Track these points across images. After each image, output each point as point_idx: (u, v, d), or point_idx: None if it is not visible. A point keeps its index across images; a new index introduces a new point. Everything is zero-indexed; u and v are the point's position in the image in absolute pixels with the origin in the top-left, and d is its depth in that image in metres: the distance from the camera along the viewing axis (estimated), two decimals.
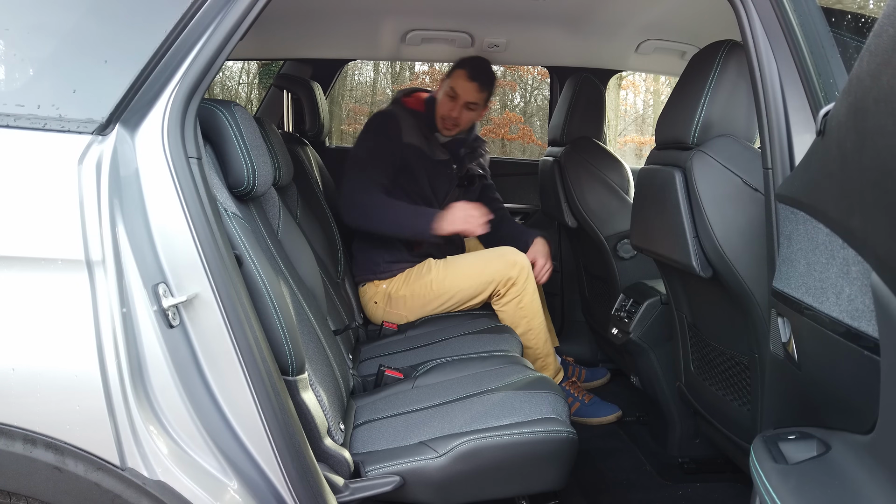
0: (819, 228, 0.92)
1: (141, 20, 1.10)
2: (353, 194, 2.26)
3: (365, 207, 2.25)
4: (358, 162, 2.32)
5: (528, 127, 11.46)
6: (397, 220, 2.26)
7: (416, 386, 1.73)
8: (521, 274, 2.25)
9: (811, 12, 1.17)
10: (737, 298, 1.46)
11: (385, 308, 2.38)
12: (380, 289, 2.38)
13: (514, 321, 2.27)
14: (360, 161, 2.32)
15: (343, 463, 1.35)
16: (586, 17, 2.47)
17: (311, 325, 1.60)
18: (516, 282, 2.26)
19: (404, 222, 2.26)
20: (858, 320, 0.81)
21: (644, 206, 1.78)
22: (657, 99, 12.52)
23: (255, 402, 1.12)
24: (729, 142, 1.49)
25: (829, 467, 0.87)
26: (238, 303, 1.11)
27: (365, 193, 2.25)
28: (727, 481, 1.98)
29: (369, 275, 2.40)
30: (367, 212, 2.25)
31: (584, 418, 2.40)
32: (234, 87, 10.55)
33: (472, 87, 2.38)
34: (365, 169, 2.29)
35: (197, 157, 1.11)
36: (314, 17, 2.55)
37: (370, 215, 2.25)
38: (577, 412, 2.41)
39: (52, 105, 1.05)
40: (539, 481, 1.46)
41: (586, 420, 2.40)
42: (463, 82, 2.38)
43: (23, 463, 1.03)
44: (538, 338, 2.30)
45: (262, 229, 1.56)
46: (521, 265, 2.26)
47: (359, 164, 2.31)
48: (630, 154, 12.07)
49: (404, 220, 2.26)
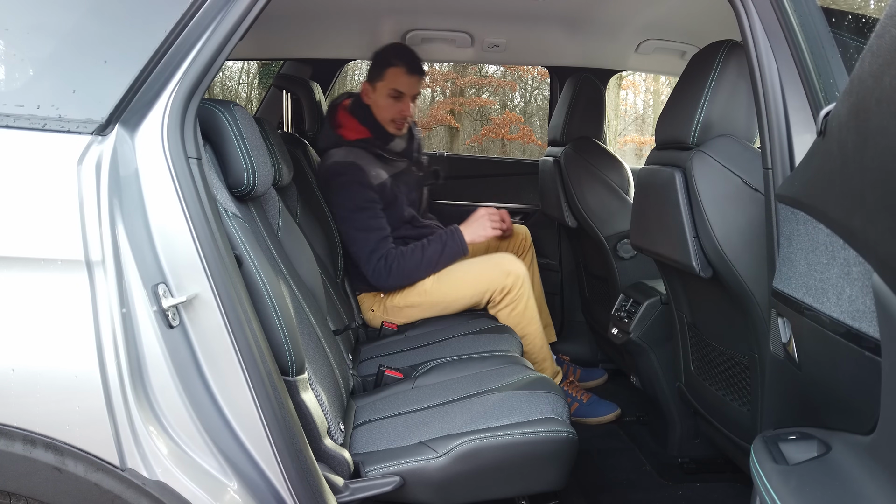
0: (820, 229, 0.92)
1: (141, 20, 1.10)
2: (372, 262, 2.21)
3: (396, 272, 2.21)
4: (356, 222, 2.24)
5: (528, 127, 11.47)
6: (432, 263, 2.24)
7: (415, 386, 1.73)
8: (517, 282, 2.25)
9: (811, 12, 1.17)
10: (737, 298, 1.46)
11: (382, 317, 2.38)
12: (377, 298, 2.38)
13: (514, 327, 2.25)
14: (358, 221, 2.24)
15: (343, 463, 1.35)
16: (586, 17, 2.47)
17: (310, 325, 1.60)
18: (511, 290, 2.26)
19: (440, 260, 2.25)
20: (859, 321, 0.81)
21: (644, 206, 1.78)
22: (657, 99, 12.53)
23: (254, 402, 1.12)
24: (729, 142, 1.49)
25: (830, 468, 0.87)
26: (238, 303, 1.11)
27: (384, 259, 2.21)
28: (727, 481, 1.98)
29: (365, 286, 2.38)
30: (401, 273, 2.22)
31: (584, 418, 2.40)
32: (234, 87, 10.55)
33: (413, 81, 2.33)
34: (370, 230, 2.23)
35: (197, 158, 1.11)
36: (314, 17, 2.54)
37: (405, 275, 2.23)
38: (576, 412, 2.41)
39: (52, 105, 1.05)
40: (539, 481, 1.46)
41: (585, 420, 2.40)
42: (405, 78, 2.30)
43: (23, 463, 1.03)
44: (534, 343, 2.30)
45: (261, 229, 1.56)
46: (516, 274, 2.25)
47: (360, 226, 2.24)
48: (630, 154, 12.08)
49: (438, 257, 2.24)
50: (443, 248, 2.25)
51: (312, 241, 2.09)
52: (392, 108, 2.32)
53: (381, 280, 2.23)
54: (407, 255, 2.23)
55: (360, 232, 2.24)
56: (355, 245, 2.25)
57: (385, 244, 2.23)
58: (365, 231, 2.23)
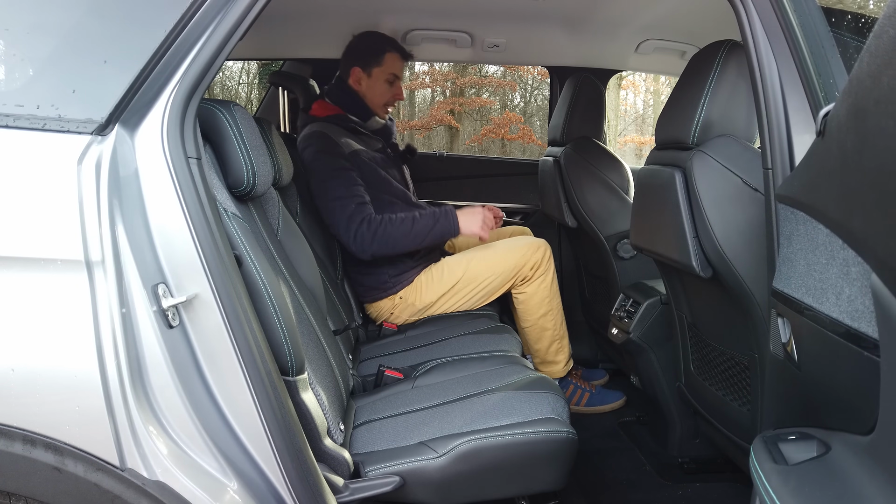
0: (819, 229, 0.92)
1: (141, 20, 1.10)
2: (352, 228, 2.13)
3: (381, 237, 2.13)
4: (330, 192, 2.15)
5: (528, 127, 11.47)
6: (420, 236, 2.18)
7: (415, 386, 1.73)
8: (546, 254, 2.32)
9: (811, 12, 1.17)
10: (737, 298, 1.46)
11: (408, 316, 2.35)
12: (396, 300, 2.34)
13: (539, 303, 2.31)
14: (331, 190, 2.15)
15: (343, 463, 1.35)
16: (586, 17, 2.47)
17: (310, 325, 1.60)
18: (541, 263, 2.31)
19: (428, 235, 2.19)
20: (858, 321, 0.81)
21: (644, 206, 1.78)
22: (657, 99, 12.53)
23: (254, 402, 1.12)
24: (729, 142, 1.49)
25: (829, 468, 0.87)
26: (238, 303, 1.11)
27: (367, 223, 2.13)
28: (727, 481, 1.98)
29: (379, 293, 2.34)
30: (385, 240, 2.14)
31: (596, 407, 2.47)
32: (234, 87, 10.55)
33: (404, 66, 2.44)
34: (344, 197, 2.14)
35: (196, 158, 1.11)
36: (314, 17, 2.55)
37: (389, 243, 2.15)
38: (589, 402, 2.46)
39: (52, 105, 1.05)
40: (539, 481, 1.46)
41: (599, 408, 2.46)
42: (399, 63, 2.39)
43: (22, 463, 1.03)
44: (556, 318, 2.36)
45: (261, 229, 1.56)
46: (545, 246, 2.33)
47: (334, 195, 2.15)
48: (630, 154, 12.08)
49: (427, 232, 2.19)
50: (434, 224, 2.19)
51: (312, 241, 2.09)
52: (387, 92, 2.39)
53: (363, 246, 2.13)
54: (395, 223, 2.16)
55: (335, 201, 2.14)
56: (333, 215, 2.15)
57: (365, 209, 2.15)
58: (340, 199, 2.14)
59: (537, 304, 2.32)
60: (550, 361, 2.40)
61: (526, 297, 2.33)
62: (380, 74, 2.35)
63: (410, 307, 2.33)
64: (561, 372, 2.41)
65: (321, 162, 2.19)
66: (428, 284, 2.33)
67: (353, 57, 2.37)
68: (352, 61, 2.37)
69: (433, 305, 2.34)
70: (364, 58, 2.36)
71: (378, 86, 2.36)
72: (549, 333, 2.35)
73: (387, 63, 2.34)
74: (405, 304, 2.34)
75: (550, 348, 2.37)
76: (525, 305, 2.34)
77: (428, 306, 2.33)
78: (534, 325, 2.35)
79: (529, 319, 2.35)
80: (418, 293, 2.33)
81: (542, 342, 2.36)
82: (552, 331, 2.35)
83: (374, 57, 2.35)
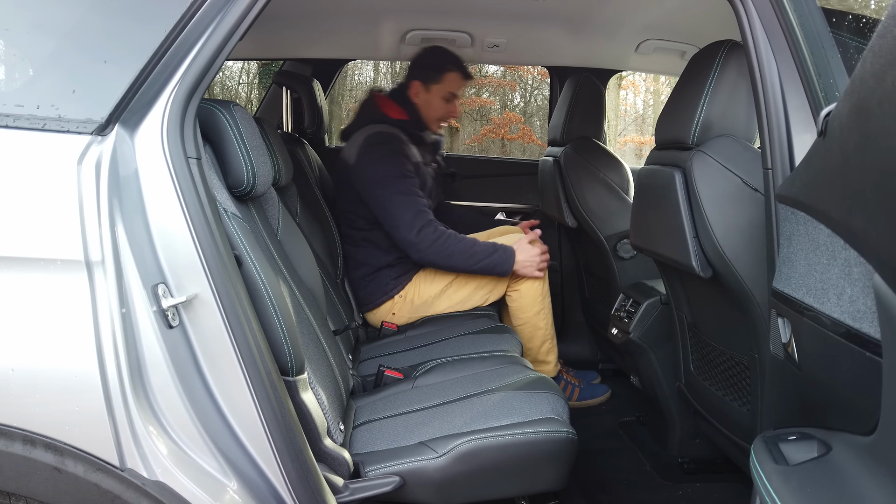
0: (820, 229, 0.92)
1: (141, 19, 1.10)
2: (417, 225, 2.16)
3: (441, 245, 2.16)
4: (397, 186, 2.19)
5: (528, 127, 11.47)
6: (475, 259, 2.19)
7: (415, 386, 1.73)
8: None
9: (811, 12, 1.17)
10: (736, 299, 1.46)
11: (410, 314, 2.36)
12: (396, 302, 2.36)
13: (532, 300, 2.32)
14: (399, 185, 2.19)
15: (343, 463, 1.35)
16: (586, 17, 2.47)
17: (310, 325, 1.60)
18: None
19: (482, 261, 2.20)
20: (860, 321, 0.81)
21: (644, 207, 1.78)
22: (657, 99, 12.52)
23: (254, 402, 1.12)
24: (729, 142, 1.49)
25: (830, 468, 0.87)
26: (237, 303, 1.10)
27: (433, 227, 2.17)
28: (727, 481, 1.98)
29: (382, 298, 2.36)
30: (444, 249, 2.17)
31: (587, 400, 2.50)
32: (234, 87, 10.55)
33: (465, 85, 2.46)
34: (414, 195, 2.20)
35: (196, 158, 1.11)
36: (314, 17, 2.54)
37: (446, 253, 2.17)
38: (580, 396, 2.49)
39: (52, 105, 1.05)
40: (539, 481, 1.46)
41: (589, 402, 2.50)
42: (460, 82, 2.43)
43: (22, 463, 1.03)
44: (548, 317, 2.37)
45: (261, 229, 1.56)
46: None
47: (401, 190, 2.19)
48: (630, 154, 12.07)
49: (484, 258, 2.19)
50: (492, 253, 2.21)
51: (312, 241, 2.09)
52: (443, 109, 2.44)
53: (422, 245, 2.16)
54: (459, 238, 2.19)
55: (405, 196, 2.19)
56: (398, 207, 2.18)
57: (428, 214, 2.20)
58: (410, 195, 2.20)
59: (530, 302, 2.32)
60: (542, 361, 2.41)
61: (519, 295, 2.34)
62: (438, 91, 2.40)
63: (409, 305, 2.34)
64: (552, 371, 2.43)
65: (397, 161, 2.24)
66: (426, 280, 2.35)
67: (416, 70, 2.43)
68: (414, 74, 2.43)
69: (432, 302, 2.34)
70: (425, 73, 2.41)
71: (435, 102, 2.41)
72: (541, 333, 2.36)
73: (447, 81, 2.39)
74: (404, 302, 2.34)
75: (542, 347, 2.39)
76: (518, 303, 2.35)
77: (427, 303, 2.33)
78: (527, 323, 2.35)
79: (523, 317, 2.35)
80: (417, 290, 2.34)
81: (534, 340, 2.37)
82: (544, 329, 2.36)
83: (436, 74, 2.40)
